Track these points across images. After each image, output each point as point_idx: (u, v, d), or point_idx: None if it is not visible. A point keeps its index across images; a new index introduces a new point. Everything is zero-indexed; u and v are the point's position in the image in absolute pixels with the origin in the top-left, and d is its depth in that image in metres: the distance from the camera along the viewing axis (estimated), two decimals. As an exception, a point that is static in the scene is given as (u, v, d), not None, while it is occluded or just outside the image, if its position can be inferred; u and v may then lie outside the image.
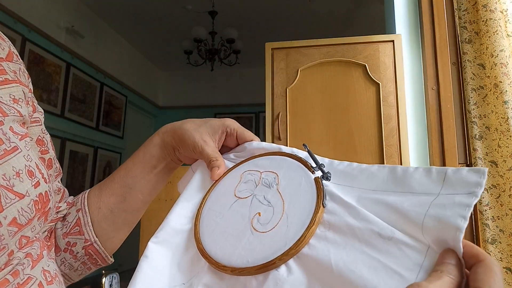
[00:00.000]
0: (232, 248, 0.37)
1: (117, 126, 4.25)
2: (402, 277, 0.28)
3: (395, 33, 1.73)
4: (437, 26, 1.60)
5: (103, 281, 1.68)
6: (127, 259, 3.80)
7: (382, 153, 1.57)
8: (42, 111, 0.51)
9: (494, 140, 1.30)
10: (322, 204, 0.35)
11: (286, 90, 1.70)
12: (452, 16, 1.56)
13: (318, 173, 0.39)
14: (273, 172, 0.42)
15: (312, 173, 0.39)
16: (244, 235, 0.37)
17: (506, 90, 1.27)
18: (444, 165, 1.50)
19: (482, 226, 1.33)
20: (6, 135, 0.39)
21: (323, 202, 0.35)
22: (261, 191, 0.40)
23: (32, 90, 0.49)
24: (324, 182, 0.37)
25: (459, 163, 1.46)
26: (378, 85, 1.63)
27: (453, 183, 0.30)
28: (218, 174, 0.45)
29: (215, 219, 0.41)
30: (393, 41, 1.66)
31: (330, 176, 0.38)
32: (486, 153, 1.32)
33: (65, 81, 3.34)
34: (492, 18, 1.32)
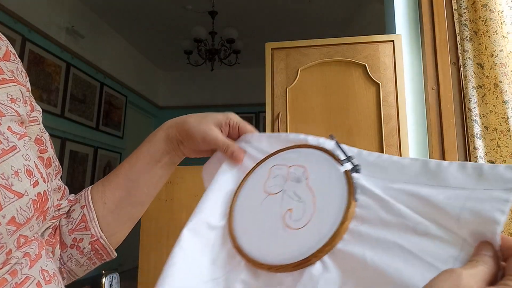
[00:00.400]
0: (267, 245, 0.37)
1: (117, 126, 4.25)
2: (438, 269, 0.28)
3: (395, 33, 1.73)
4: (437, 26, 1.60)
5: (103, 281, 1.67)
6: (127, 259, 3.80)
7: (382, 153, 1.57)
8: (40, 110, 0.51)
9: (493, 140, 1.30)
10: (354, 198, 0.35)
11: (286, 90, 1.70)
12: (452, 15, 1.56)
13: (347, 165, 0.38)
14: (301, 166, 0.41)
15: (341, 165, 0.38)
16: (277, 232, 0.37)
17: (506, 90, 1.27)
18: (444, 165, 1.49)
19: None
20: (4, 135, 0.39)
21: (355, 196, 0.35)
22: (290, 186, 0.40)
23: (30, 89, 0.49)
24: (354, 174, 0.37)
25: (459, 163, 1.46)
26: (378, 85, 1.63)
27: (489, 179, 0.30)
28: (240, 157, 0.47)
29: (248, 217, 0.41)
30: (393, 41, 1.66)
31: (360, 168, 0.37)
32: (485, 152, 1.32)
33: (65, 81, 3.34)
34: (492, 18, 1.32)
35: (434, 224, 0.30)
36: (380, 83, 1.63)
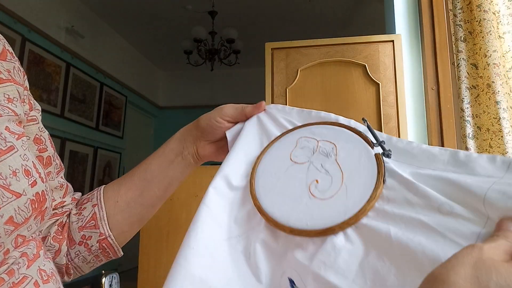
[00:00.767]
0: (290, 209, 0.38)
1: (117, 126, 4.25)
2: (461, 246, 0.29)
3: (395, 33, 1.73)
4: (437, 26, 1.60)
5: (103, 281, 1.67)
6: (127, 259, 3.80)
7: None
8: (39, 109, 0.52)
9: (486, 140, 1.30)
10: (383, 180, 0.36)
11: (286, 90, 1.70)
12: (448, 16, 1.56)
13: (378, 149, 0.39)
14: (331, 142, 0.42)
15: (371, 148, 0.39)
16: (302, 199, 0.38)
17: (499, 91, 1.27)
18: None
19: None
20: (2, 135, 0.39)
21: (384, 178, 0.36)
22: (318, 159, 0.41)
23: (28, 88, 0.49)
24: (384, 158, 0.38)
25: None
26: (378, 85, 1.63)
27: None
28: (262, 105, 0.50)
29: (271, 180, 0.42)
30: (393, 41, 1.66)
31: (391, 154, 0.38)
32: (478, 153, 1.32)
33: (65, 81, 3.34)
34: (485, 19, 1.32)
35: (459, 204, 0.31)
36: (380, 83, 1.63)
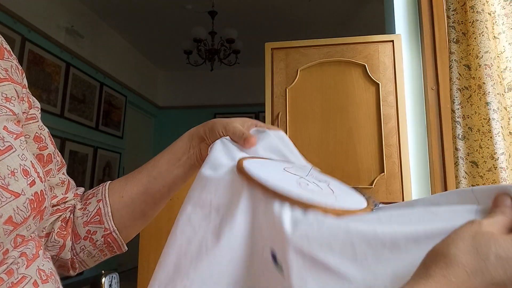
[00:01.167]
0: (277, 180, 0.40)
1: (116, 126, 4.25)
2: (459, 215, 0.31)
3: (395, 33, 1.73)
4: (436, 26, 1.60)
5: (103, 281, 1.67)
6: (127, 259, 3.80)
7: (382, 153, 1.57)
8: (39, 106, 0.52)
9: (476, 141, 1.30)
10: (372, 204, 0.39)
11: (286, 90, 1.70)
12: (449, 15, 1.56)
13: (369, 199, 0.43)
14: (325, 176, 0.46)
15: (362, 196, 0.43)
16: (292, 186, 0.40)
17: (489, 92, 1.27)
18: (443, 165, 1.50)
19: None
20: (0, 135, 0.39)
21: (373, 205, 0.40)
22: (310, 177, 0.44)
23: (26, 86, 0.49)
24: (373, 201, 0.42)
25: (459, 163, 1.46)
26: (377, 85, 1.63)
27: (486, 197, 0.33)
28: (252, 142, 0.49)
29: (262, 164, 0.45)
30: (392, 41, 1.66)
31: (379, 206, 0.41)
32: (468, 153, 1.32)
33: (64, 81, 3.34)
34: (478, 20, 1.32)
35: (446, 205, 0.34)
36: (379, 83, 1.63)
